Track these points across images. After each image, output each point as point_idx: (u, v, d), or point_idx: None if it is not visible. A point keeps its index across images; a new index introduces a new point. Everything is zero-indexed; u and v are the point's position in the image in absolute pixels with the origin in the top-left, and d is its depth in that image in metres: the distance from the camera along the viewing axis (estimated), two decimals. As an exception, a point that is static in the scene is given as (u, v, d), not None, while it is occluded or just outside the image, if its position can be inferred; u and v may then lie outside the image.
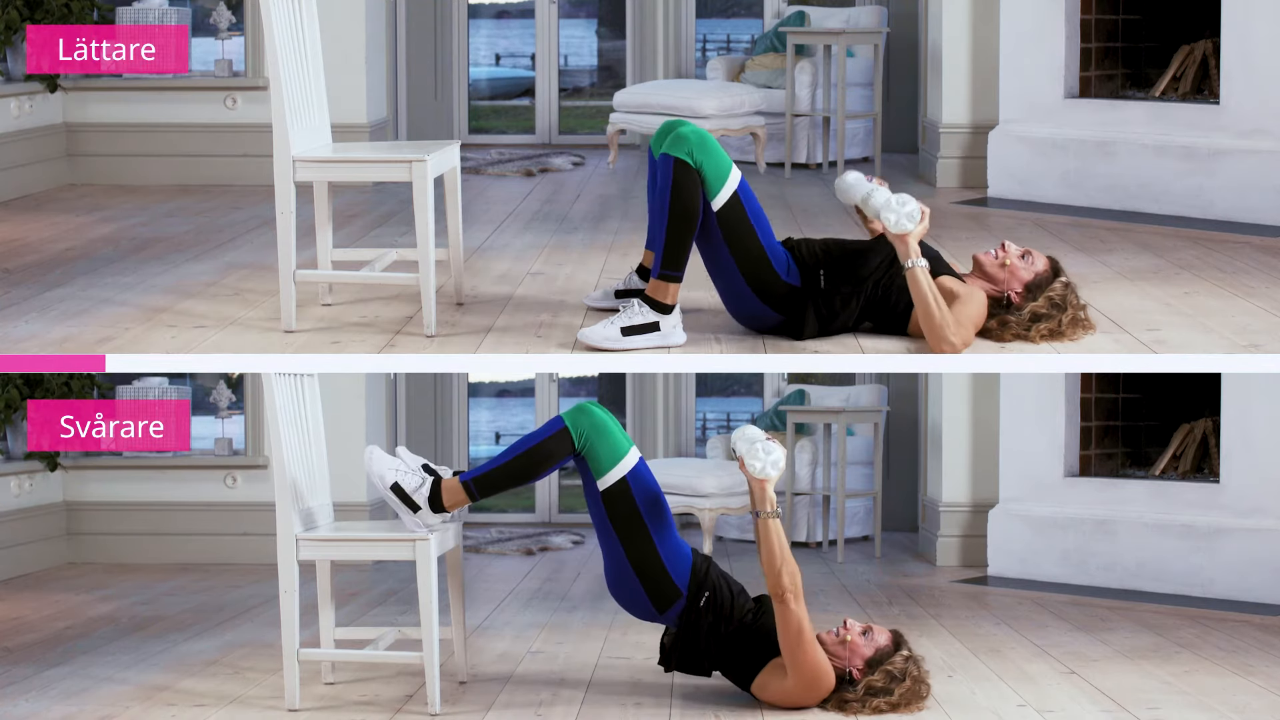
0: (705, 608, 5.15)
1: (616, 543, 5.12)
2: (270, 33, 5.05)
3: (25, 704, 5.23)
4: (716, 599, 5.17)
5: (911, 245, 4.98)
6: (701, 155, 4.99)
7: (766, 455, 5.01)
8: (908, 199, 4.99)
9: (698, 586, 5.16)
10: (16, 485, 7.89)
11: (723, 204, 5.02)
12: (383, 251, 5.65)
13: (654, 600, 5.15)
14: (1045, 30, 7.81)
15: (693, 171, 4.99)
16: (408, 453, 5.21)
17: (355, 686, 5.44)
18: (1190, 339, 5.24)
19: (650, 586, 5.14)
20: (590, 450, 5.08)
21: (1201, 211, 7.33)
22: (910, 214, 4.97)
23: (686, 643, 5.19)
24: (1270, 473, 7.04)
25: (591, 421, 5.08)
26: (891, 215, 4.98)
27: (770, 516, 5.01)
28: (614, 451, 5.09)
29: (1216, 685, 5.53)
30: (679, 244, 5.03)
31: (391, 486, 5.12)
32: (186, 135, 8.49)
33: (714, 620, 5.16)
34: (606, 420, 5.11)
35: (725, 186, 5.02)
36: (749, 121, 8.61)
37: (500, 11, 10.40)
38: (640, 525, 5.11)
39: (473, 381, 9.74)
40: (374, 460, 5.14)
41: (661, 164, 5.01)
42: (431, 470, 5.17)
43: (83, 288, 5.98)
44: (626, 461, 5.10)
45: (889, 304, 5.15)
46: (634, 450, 5.13)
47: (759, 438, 5.06)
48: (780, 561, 4.99)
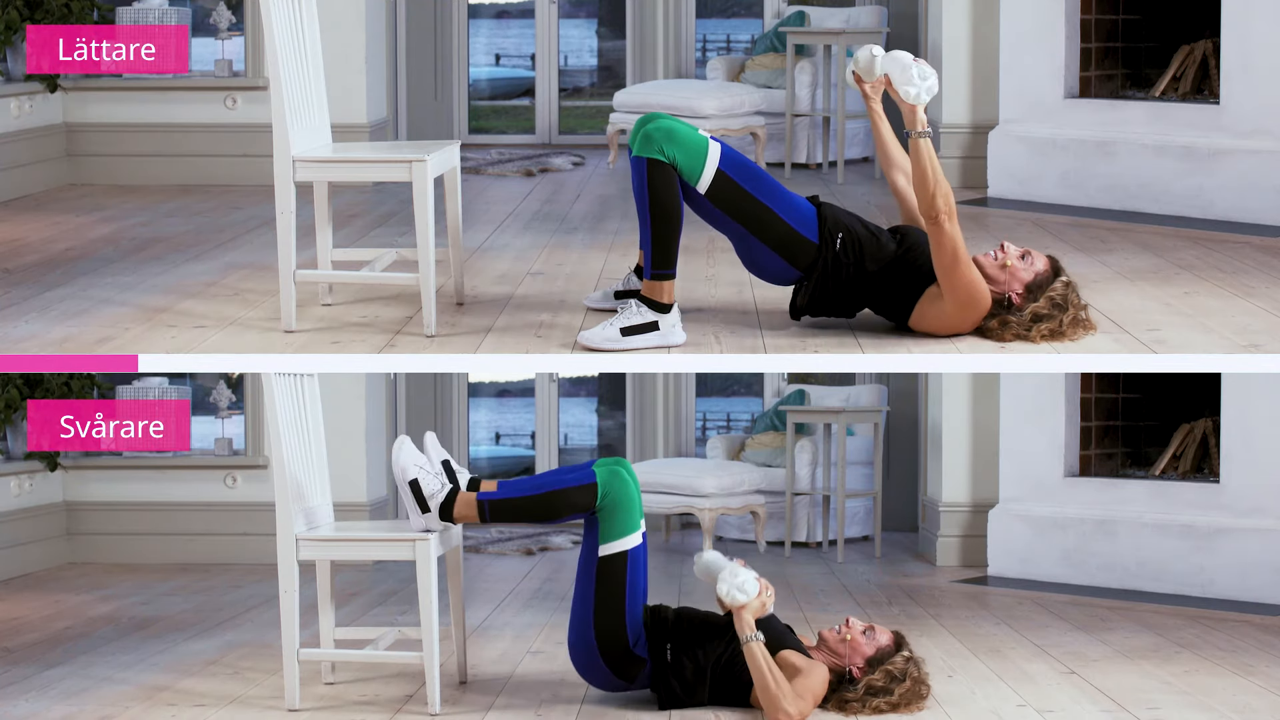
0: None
1: (591, 610, 5.13)
2: (270, 33, 5.05)
3: (25, 704, 5.23)
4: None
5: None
6: (672, 148, 5.00)
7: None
8: (928, 71, 5.00)
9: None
10: (16, 485, 7.89)
11: (709, 184, 5.02)
12: (383, 251, 5.65)
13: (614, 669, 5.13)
14: (1045, 30, 7.81)
15: (665, 168, 4.99)
16: (435, 443, 5.23)
17: (355, 686, 5.44)
18: (1190, 339, 5.24)
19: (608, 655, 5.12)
20: (607, 515, 5.08)
21: (1201, 211, 7.33)
22: (930, 88, 4.99)
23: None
24: (1270, 473, 7.04)
25: (621, 490, 5.08)
26: (911, 88, 5.01)
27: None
28: (627, 526, 5.10)
29: (1216, 685, 5.53)
30: (665, 242, 5.03)
31: (410, 482, 5.12)
32: (186, 135, 8.48)
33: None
34: (634, 492, 5.10)
35: (705, 167, 5.01)
36: (749, 121, 8.61)
37: (500, 11, 10.40)
38: (620, 598, 5.11)
39: (473, 381, 9.74)
40: (402, 452, 5.14)
41: (634, 168, 5.03)
42: (451, 472, 5.18)
43: (83, 288, 5.98)
44: (632, 539, 5.11)
45: (915, 265, 5.12)
46: (641, 529, 5.13)
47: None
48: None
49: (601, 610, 5.11)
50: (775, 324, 5.35)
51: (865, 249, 5.12)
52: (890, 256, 5.13)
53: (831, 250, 5.10)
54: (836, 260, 5.11)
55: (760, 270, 5.18)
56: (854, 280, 5.13)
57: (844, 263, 5.11)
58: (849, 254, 5.11)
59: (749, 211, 5.06)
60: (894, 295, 5.14)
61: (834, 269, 5.12)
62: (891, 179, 5.39)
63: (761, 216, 5.07)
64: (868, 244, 5.13)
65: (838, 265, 5.11)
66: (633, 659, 5.12)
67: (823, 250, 5.10)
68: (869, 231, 5.15)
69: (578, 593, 5.15)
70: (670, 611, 5.20)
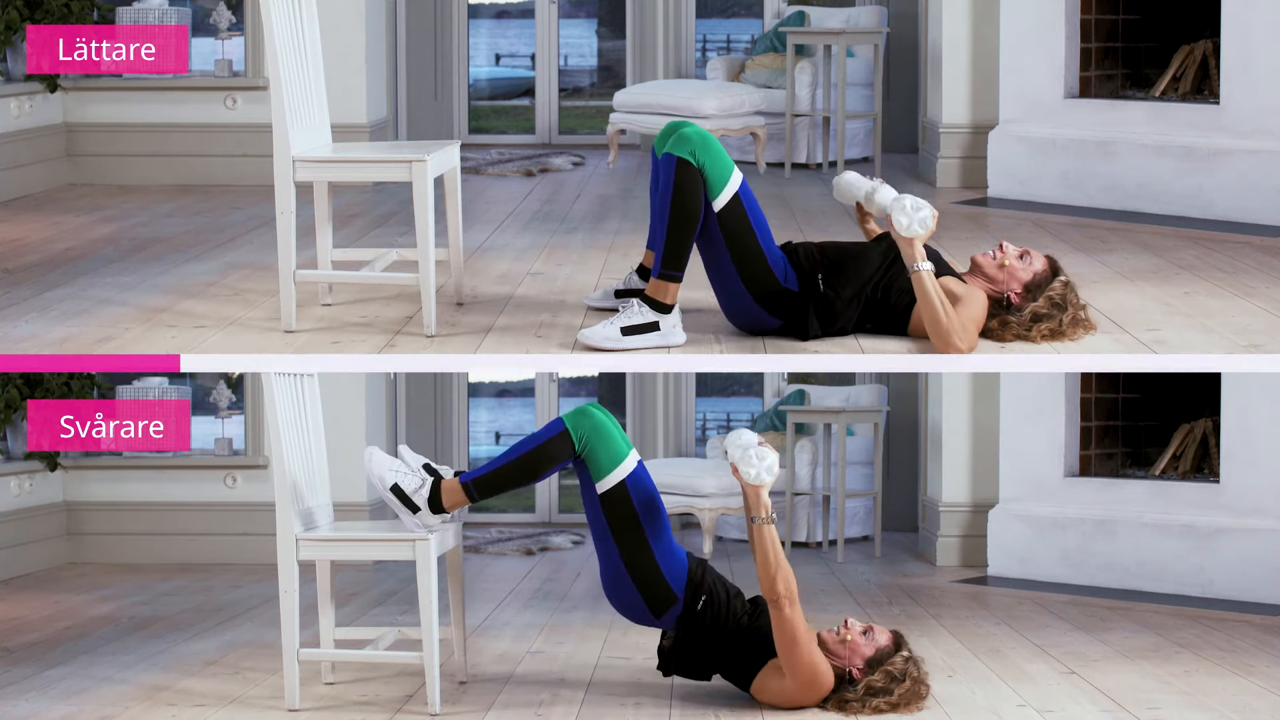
0: (702, 612, 5.15)
1: (613, 547, 5.12)
2: (270, 33, 5.05)
3: (25, 704, 5.23)
4: (713, 603, 5.16)
5: (918, 248, 4.97)
6: (704, 155, 4.99)
7: (760, 461, 4.98)
8: (922, 204, 4.94)
9: (694, 591, 5.15)
10: (16, 485, 7.89)
11: (724, 205, 5.03)
12: (383, 251, 5.65)
13: (650, 605, 5.15)
14: (1045, 30, 7.81)
15: (695, 171, 4.99)
16: (409, 452, 5.21)
17: (355, 686, 5.44)
18: (1190, 339, 5.24)
19: (646, 592, 5.14)
20: (590, 453, 5.08)
21: (1201, 211, 7.33)
22: (923, 220, 4.93)
23: (685, 647, 5.19)
24: (1270, 473, 7.04)
25: (592, 424, 5.08)
26: (904, 218, 4.92)
27: (765, 522, 4.99)
28: (614, 455, 5.09)
29: (1216, 685, 5.53)
30: (680, 244, 5.03)
31: (391, 488, 5.12)
32: (186, 135, 8.48)
33: (711, 624, 5.16)
34: (607, 423, 5.11)
35: (727, 188, 5.02)
36: (749, 121, 8.61)
37: (500, 11, 10.39)
38: (637, 530, 5.11)
39: (473, 381, 9.74)
40: (374, 461, 5.14)
41: (664, 163, 5.02)
42: (433, 470, 5.17)
43: (83, 288, 5.98)
44: (626, 465, 5.10)
45: (888, 304, 5.15)
46: (633, 453, 5.13)
47: (752, 443, 5.04)
48: (775, 568, 4.98)
49: (623, 547, 5.10)
50: (775, 324, 5.34)
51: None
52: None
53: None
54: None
55: (732, 304, 5.16)
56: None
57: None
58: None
59: (746, 247, 5.06)
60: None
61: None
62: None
63: (755, 256, 5.07)
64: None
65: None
66: (667, 593, 5.12)
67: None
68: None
69: (597, 541, 5.14)
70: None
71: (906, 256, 4.96)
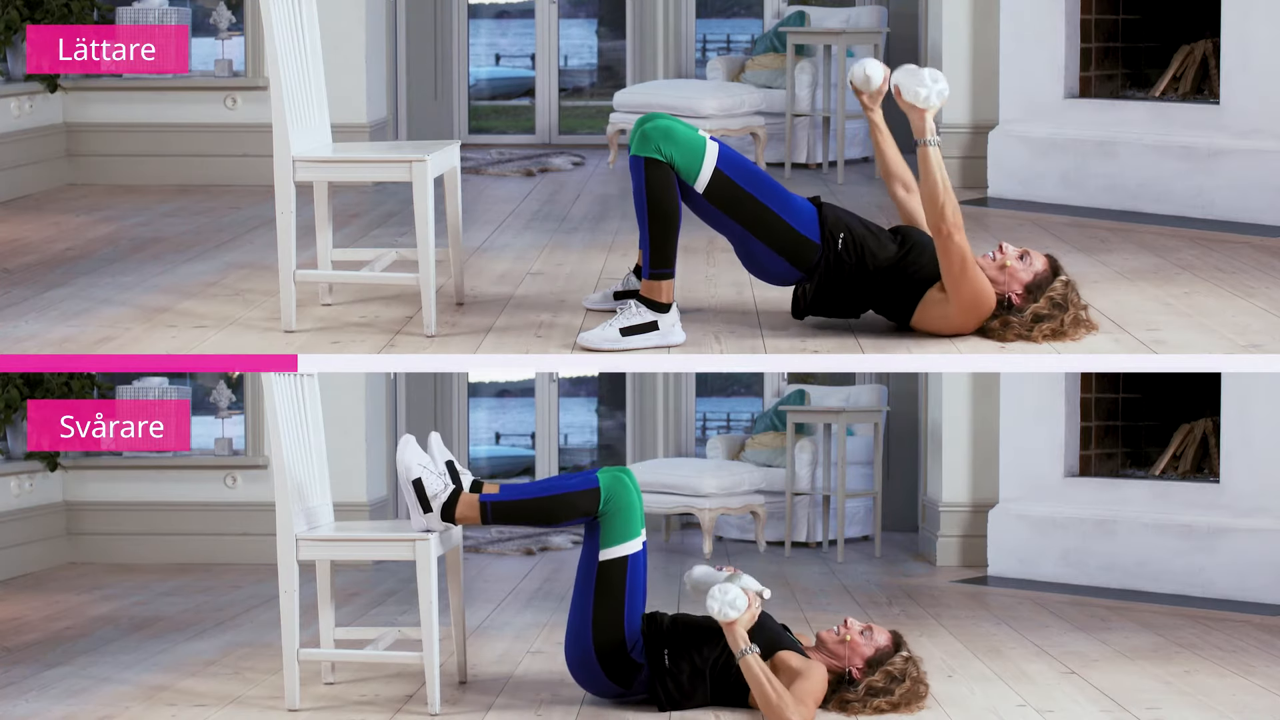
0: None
1: (590, 609, 5.13)
2: (270, 33, 5.05)
3: (25, 704, 5.23)
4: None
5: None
6: (670, 147, 4.99)
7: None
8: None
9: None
10: (16, 485, 7.89)
11: (706, 183, 5.01)
12: (383, 251, 5.65)
13: (610, 675, 5.10)
14: (1045, 30, 7.81)
15: (663, 166, 4.98)
16: (439, 444, 5.23)
17: (355, 686, 5.44)
18: (1190, 339, 5.24)
19: (606, 663, 5.11)
20: (608, 520, 5.10)
21: (1201, 211, 7.33)
22: (941, 91, 4.89)
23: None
24: (1270, 473, 7.04)
25: (624, 496, 5.10)
26: (922, 89, 4.89)
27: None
28: (628, 531, 5.11)
29: (1216, 685, 5.53)
30: (663, 241, 5.03)
31: (414, 481, 5.13)
32: (186, 135, 8.48)
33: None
34: (635, 499, 5.12)
35: (703, 167, 5.00)
36: (749, 121, 8.61)
37: (500, 11, 10.39)
38: (619, 603, 5.12)
39: (473, 381, 9.74)
40: (407, 450, 5.14)
41: (632, 166, 5.02)
42: (454, 472, 5.18)
43: (83, 288, 5.98)
44: (633, 545, 5.12)
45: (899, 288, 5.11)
46: (642, 535, 5.15)
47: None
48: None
49: (600, 615, 5.11)
50: (775, 324, 5.34)
51: (867, 249, 5.10)
52: (891, 257, 5.11)
53: (833, 250, 5.08)
54: (839, 260, 5.09)
55: (761, 271, 5.17)
56: (856, 280, 5.12)
57: (846, 263, 5.09)
58: (850, 254, 5.09)
59: (748, 211, 5.05)
60: (895, 296, 5.13)
61: (836, 269, 5.10)
62: (891, 189, 5.37)
63: (761, 217, 5.06)
64: (869, 244, 5.11)
65: (840, 265, 5.10)
66: (630, 664, 5.12)
67: (824, 250, 5.08)
68: (870, 231, 5.14)
69: (576, 598, 5.15)
70: (666, 618, 5.20)
71: (916, 129, 4.93)
